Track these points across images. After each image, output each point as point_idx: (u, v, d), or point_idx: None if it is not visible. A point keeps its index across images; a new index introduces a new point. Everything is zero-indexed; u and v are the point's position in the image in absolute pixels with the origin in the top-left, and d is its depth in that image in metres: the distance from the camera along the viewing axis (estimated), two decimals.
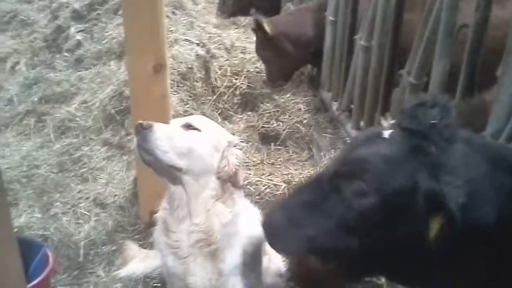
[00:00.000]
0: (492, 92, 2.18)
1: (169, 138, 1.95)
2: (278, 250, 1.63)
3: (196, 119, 2.14)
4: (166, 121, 3.06)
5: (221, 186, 2.06)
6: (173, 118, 3.66)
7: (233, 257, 2.09)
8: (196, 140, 2.02)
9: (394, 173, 1.30)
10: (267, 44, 4.37)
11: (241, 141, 3.96)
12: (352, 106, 3.91)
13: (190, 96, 4.10)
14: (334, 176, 1.43)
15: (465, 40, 2.41)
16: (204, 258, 2.06)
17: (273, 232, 1.55)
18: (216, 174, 2.04)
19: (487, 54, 2.37)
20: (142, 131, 1.94)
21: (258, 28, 4.29)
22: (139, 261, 2.87)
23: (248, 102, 4.45)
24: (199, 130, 2.04)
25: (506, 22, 2.67)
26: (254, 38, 4.50)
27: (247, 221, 2.15)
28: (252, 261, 2.18)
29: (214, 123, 2.27)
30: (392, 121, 1.49)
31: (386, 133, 1.41)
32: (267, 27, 4.26)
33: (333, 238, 1.42)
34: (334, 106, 4.25)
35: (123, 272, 2.87)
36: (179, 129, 2.03)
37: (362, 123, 3.72)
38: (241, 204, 2.18)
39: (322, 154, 3.79)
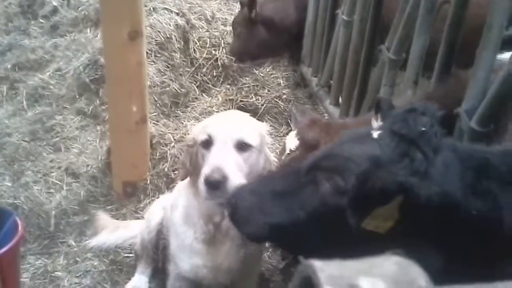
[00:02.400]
0: (470, 71, 2.17)
1: (238, 170, 1.85)
2: (239, 230, 1.61)
3: (243, 131, 1.95)
4: (141, 90, 3.03)
5: None
6: (150, 88, 3.62)
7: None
8: (253, 159, 1.94)
9: (376, 176, 1.30)
10: (247, 23, 4.25)
11: None
12: (331, 82, 3.89)
13: (168, 67, 4.02)
14: (314, 168, 1.43)
15: (446, 16, 2.39)
16: (232, 242, 2.08)
17: (239, 213, 1.55)
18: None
19: (468, 33, 2.35)
20: (220, 186, 1.78)
21: (249, 5, 4.16)
22: (110, 231, 2.85)
23: (227, 75, 4.38)
24: (251, 146, 1.92)
25: (488, 1, 2.67)
26: (237, 10, 4.39)
27: None
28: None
29: (251, 120, 2.14)
30: (381, 123, 1.46)
31: (375, 134, 1.40)
32: (255, 12, 4.14)
33: (298, 229, 1.43)
34: (314, 81, 4.22)
35: (94, 242, 2.85)
36: (236, 155, 1.89)
37: (340, 99, 3.70)
38: None
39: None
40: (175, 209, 2.23)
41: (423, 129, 1.31)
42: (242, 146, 1.90)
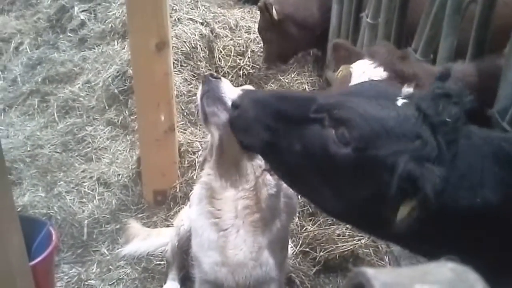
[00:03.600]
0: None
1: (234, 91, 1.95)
2: (236, 137, 1.57)
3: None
4: (169, 100, 3.07)
5: None
6: (177, 98, 3.67)
7: (271, 232, 2.11)
8: None
9: (384, 143, 1.24)
10: (271, 26, 4.30)
11: None
12: None
13: (194, 76, 4.07)
14: (324, 111, 1.36)
15: (473, 17, 2.36)
16: (246, 229, 2.06)
17: (239, 121, 1.51)
18: None
19: (495, 33, 2.31)
20: (212, 80, 1.94)
21: (265, 10, 4.21)
22: (142, 239, 2.88)
23: (252, 83, 4.40)
24: None
25: None
26: (258, 17, 4.43)
27: (286, 198, 2.18)
28: (286, 237, 2.26)
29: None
30: (411, 92, 1.38)
31: (401, 101, 1.32)
32: (274, 12, 4.17)
33: (291, 159, 1.39)
34: None
35: (126, 250, 2.88)
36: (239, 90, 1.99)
37: None
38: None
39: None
40: (192, 206, 2.26)
41: (448, 119, 1.24)
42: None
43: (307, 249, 2.87)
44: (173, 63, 3.43)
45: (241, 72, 4.38)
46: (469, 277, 0.45)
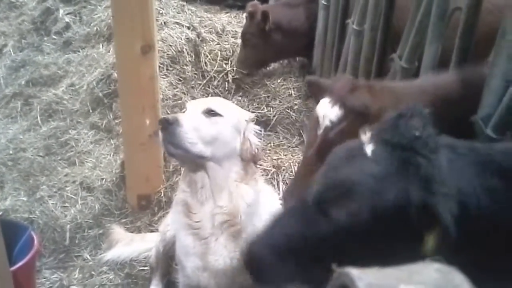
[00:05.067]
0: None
1: (196, 129, 1.95)
2: (263, 284, 1.55)
3: (214, 103, 2.11)
4: (154, 104, 3.05)
5: (244, 167, 2.10)
6: (162, 102, 3.64)
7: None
8: (220, 127, 2.03)
9: (385, 191, 1.26)
10: (259, 32, 4.26)
11: None
12: None
13: (180, 80, 4.05)
14: (320, 202, 1.37)
15: (458, 24, 2.38)
16: (226, 238, 2.07)
17: (258, 267, 1.48)
18: (240, 156, 2.08)
19: (479, 40, 2.33)
20: (169, 126, 1.92)
21: (262, 18, 4.18)
22: (125, 244, 2.85)
23: (238, 87, 4.40)
24: (221, 116, 2.04)
25: (498, 7, 2.65)
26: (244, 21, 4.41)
27: (267, 199, 2.21)
28: None
29: (231, 104, 2.27)
30: (370, 134, 1.39)
31: (368, 148, 1.33)
32: (270, 19, 4.15)
33: (329, 255, 1.36)
34: None
35: (109, 255, 2.85)
36: (202, 117, 2.02)
37: None
38: (262, 183, 2.25)
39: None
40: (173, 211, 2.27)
41: (417, 133, 1.25)
42: (209, 112, 2.02)
43: None
44: (159, 67, 3.40)
45: (227, 76, 4.37)
46: (455, 277, 0.45)
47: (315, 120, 2.11)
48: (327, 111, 2.02)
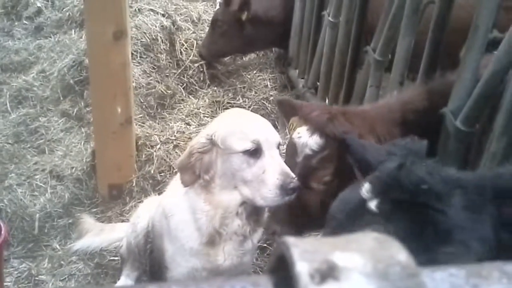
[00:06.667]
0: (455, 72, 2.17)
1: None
2: None
3: (275, 131, 2.02)
4: (126, 91, 3.00)
5: None
6: (135, 90, 3.59)
7: (256, 238, 2.18)
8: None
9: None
10: (233, 21, 4.16)
11: (205, 116, 3.95)
12: (318, 83, 3.89)
13: (154, 68, 4.00)
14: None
15: (431, 19, 2.41)
16: (234, 241, 2.10)
17: None
18: None
19: (451, 35, 2.36)
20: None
21: (243, 7, 4.05)
22: (95, 234, 2.80)
23: (214, 77, 4.37)
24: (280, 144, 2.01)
25: (470, 4, 2.69)
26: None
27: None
28: None
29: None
30: (369, 187, 1.19)
31: (372, 204, 1.16)
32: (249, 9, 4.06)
33: None
34: (301, 83, 4.22)
35: (79, 245, 2.81)
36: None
37: (327, 101, 3.71)
38: None
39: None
40: (173, 215, 2.17)
41: (424, 187, 1.09)
42: (278, 146, 1.98)
43: (264, 245, 2.87)
44: (132, 54, 3.36)
45: (202, 66, 4.33)
46: (391, 245, 0.44)
47: (292, 147, 2.14)
48: (307, 139, 2.06)
